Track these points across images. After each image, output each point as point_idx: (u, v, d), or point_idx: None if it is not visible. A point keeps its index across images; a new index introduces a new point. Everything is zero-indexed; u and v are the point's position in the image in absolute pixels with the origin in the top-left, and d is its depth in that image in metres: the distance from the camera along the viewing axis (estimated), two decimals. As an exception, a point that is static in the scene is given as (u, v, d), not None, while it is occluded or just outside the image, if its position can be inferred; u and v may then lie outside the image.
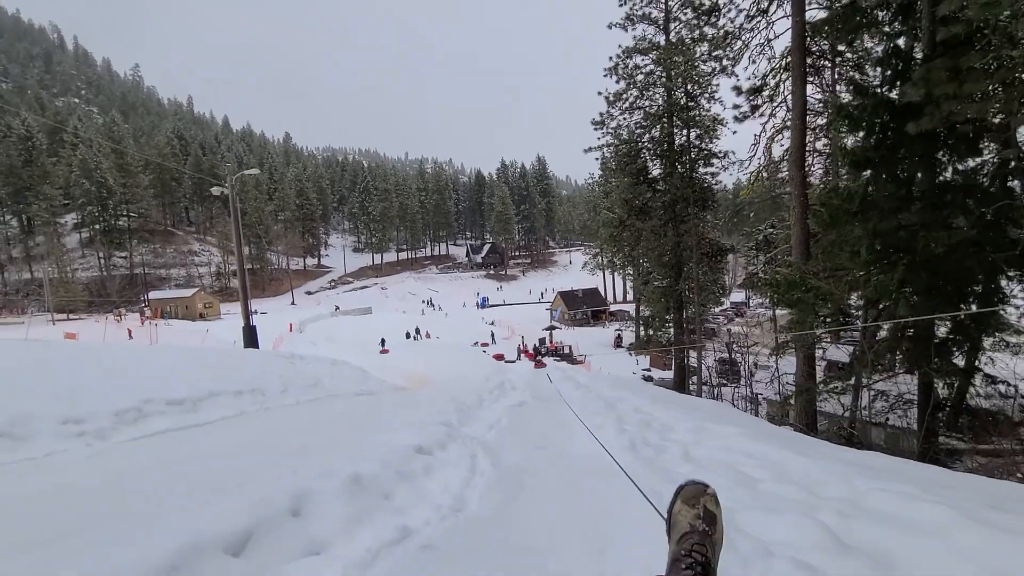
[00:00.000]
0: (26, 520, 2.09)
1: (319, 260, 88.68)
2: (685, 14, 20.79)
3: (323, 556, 1.59)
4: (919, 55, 7.86)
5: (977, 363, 8.98)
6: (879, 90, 8.01)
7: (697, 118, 21.79)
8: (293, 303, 64.13)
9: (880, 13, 8.65)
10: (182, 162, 79.56)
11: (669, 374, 26.73)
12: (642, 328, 36.58)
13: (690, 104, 22.12)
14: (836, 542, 1.70)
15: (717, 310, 40.92)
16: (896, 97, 7.69)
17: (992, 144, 7.21)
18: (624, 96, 22.96)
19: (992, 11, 5.82)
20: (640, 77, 22.80)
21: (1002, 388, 9.18)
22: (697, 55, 20.19)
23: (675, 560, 0.97)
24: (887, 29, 8.17)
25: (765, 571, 1.57)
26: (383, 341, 31.76)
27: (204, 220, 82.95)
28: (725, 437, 3.30)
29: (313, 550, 1.61)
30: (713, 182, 22.84)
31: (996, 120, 7.25)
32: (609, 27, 22.54)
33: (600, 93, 23.38)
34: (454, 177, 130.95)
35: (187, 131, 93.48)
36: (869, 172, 8.02)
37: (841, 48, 11.65)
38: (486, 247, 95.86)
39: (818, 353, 13.80)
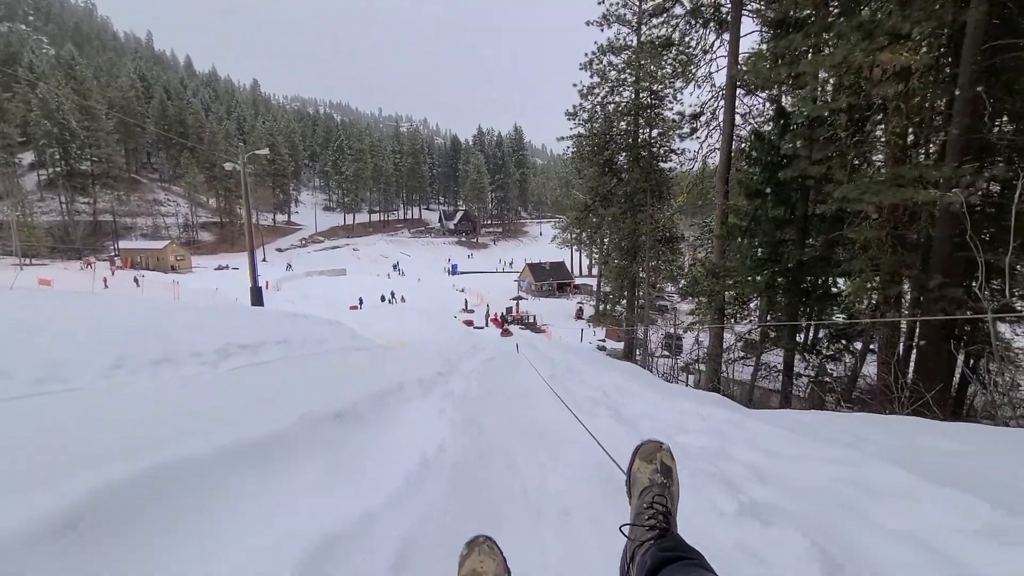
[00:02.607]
0: (232, 399, 4.42)
1: (289, 217, 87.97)
2: (657, 19, 22.45)
3: (412, 405, 4.03)
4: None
5: (872, 347, 11.78)
6: (772, 138, 10.63)
7: (659, 118, 24.11)
8: (264, 260, 64.28)
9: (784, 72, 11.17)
10: (145, 106, 76.58)
11: (620, 345, 30.02)
12: (601, 303, 39.77)
13: (654, 103, 24.34)
14: (610, 398, 4.28)
15: (673, 289, 44.55)
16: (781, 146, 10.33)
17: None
18: (596, 91, 24.93)
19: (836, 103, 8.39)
20: (613, 74, 24.66)
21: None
22: (669, 54, 22.33)
23: (638, 513, 1.06)
24: (783, 89, 10.70)
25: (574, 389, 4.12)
26: (360, 300, 33.77)
27: (169, 168, 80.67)
28: (611, 378, 5.90)
29: (406, 403, 4.06)
30: (671, 175, 25.32)
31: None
32: (587, 24, 24.04)
33: (575, 85, 25.14)
34: (429, 139, 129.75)
35: (149, 71, 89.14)
36: (759, 200, 10.71)
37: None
38: (459, 214, 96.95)
39: (742, 329, 16.95)
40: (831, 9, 9.16)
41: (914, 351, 8.69)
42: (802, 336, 12.07)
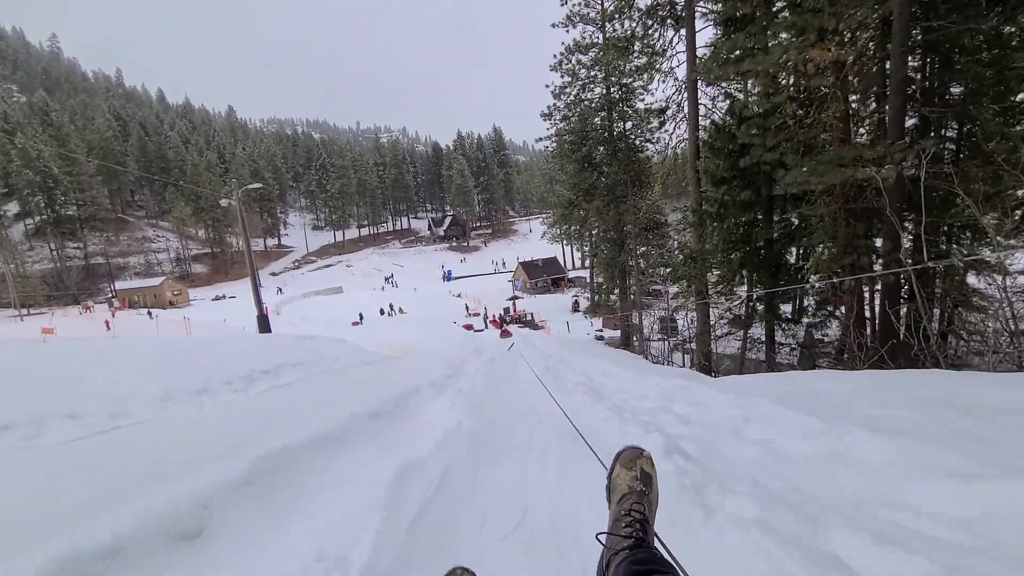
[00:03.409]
0: (280, 414, 5.16)
1: (279, 240, 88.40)
2: (619, 16, 23.11)
3: (429, 403, 4.79)
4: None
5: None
6: (731, 129, 11.43)
7: (632, 111, 24.84)
8: (260, 285, 64.65)
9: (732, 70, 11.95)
10: (124, 144, 76.77)
11: (618, 333, 30.86)
12: (595, 294, 40.62)
13: (625, 96, 25.04)
14: (593, 380, 5.05)
15: (663, 272, 45.46)
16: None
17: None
18: (568, 90, 25.64)
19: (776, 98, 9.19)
20: (583, 72, 25.33)
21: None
22: (632, 51, 23.05)
23: (616, 520, 1.06)
24: (736, 85, 11.48)
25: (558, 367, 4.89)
26: (361, 316, 34.51)
27: (155, 204, 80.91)
28: (597, 365, 6.68)
29: (424, 402, 4.81)
30: (649, 164, 26.06)
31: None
32: (552, 26, 24.75)
33: (547, 86, 25.88)
34: (410, 148, 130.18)
35: (123, 109, 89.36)
36: (725, 187, 11.51)
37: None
38: (447, 219, 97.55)
39: (724, 307, 17.83)
40: (772, 9, 9.96)
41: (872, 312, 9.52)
42: (790, 307, 12.84)
